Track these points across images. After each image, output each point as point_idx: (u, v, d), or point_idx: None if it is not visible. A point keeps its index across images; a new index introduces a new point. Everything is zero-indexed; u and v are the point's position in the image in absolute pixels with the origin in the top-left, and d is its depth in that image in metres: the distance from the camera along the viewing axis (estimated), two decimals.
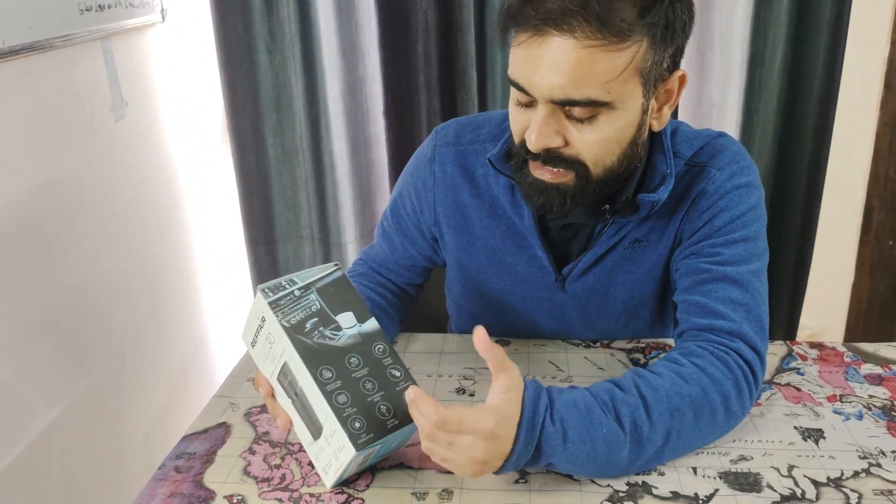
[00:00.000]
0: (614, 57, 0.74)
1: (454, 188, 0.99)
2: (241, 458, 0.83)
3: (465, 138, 0.99)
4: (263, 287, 0.77)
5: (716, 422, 0.80)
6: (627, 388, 0.78)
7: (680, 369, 0.81)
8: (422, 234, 1.05)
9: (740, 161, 0.90)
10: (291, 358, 0.75)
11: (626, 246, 0.94)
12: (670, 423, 0.77)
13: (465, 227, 1.00)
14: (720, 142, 0.92)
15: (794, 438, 0.83)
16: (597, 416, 0.75)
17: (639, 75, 0.77)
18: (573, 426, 0.73)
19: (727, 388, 0.80)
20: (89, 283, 1.41)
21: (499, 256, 1.00)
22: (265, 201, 1.82)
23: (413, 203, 1.03)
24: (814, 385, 0.93)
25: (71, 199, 1.36)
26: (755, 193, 0.90)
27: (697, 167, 0.90)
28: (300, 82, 1.70)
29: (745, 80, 1.64)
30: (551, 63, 0.75)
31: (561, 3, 0.72)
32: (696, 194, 0.90)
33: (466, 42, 1.64)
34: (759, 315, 0.86)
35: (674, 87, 0.83)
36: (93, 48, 1.43)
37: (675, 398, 0.78)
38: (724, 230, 0.88)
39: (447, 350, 1.04)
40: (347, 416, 0.72)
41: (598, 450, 0.74)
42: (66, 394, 1.33)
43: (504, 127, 0.96)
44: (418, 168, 1.01)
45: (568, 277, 0.98)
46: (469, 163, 0.98)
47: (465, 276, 1.05)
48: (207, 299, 1.93)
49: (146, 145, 1.63)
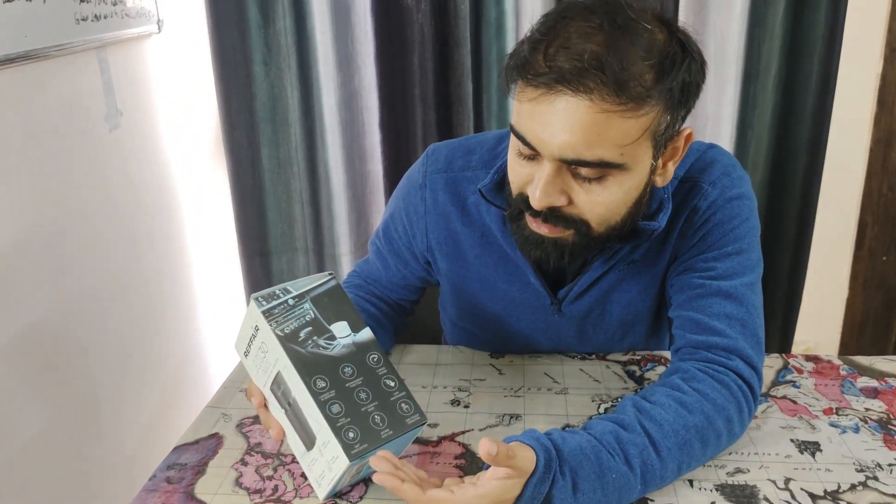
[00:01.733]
0: (631, 123, 0.71)
1: (445, 216, 0.97)
2: (233, 469, 0.82)
3: (455, 165, 0.96)
4: (257, 296, 0.76)
5: (720, 445, 0.81)
6: (631, 427, 0.76)
7: (682, 398, 0.80)
8: (414, 256, 1.03)
9: (731, 173, 0.89)
10: (285, 367, 0.74)
11: (621, 268, 0.93)
12: (680, 458, 0.76)
13: (457, 254, 0.99)
14: (710, 154, 0.91)
15: (791, 451, 0.82)
16: (605, 461, 0.73)
17: (651, 138, 0.74)
18: (583, 476, 0.72)
19: (730, 413, 0.80)
20: (82, 292, 1.40)
21: (492, 282, 0.99)
22: (259, 212, 1.81)
23: (405, 227, 1.01)
24: (810, 398, 0.93)
25: (65, 208, 1.35)
26: (747, 204, 0.89)
27: (689, 182, 0.89)
28: (296, 94, 1.69)
29: (740, 94, 1.64)
30: (564, 122, 0.71)
31: (577, 63, 0.69)
32: (689, 211, 0.89)
33: (462, 55, 1.64)
34: (754, 328, 0.86)
35: (681, 144, 0.80)
36: (88, 58, 1.43)
37: (681, 431, 0.77)
38: (717, 244, 0.87)
39: (442, 362, 1.04)
40: (341, 427, 0.71)
41: (609, 496, 0.73)
42: (56, 403, 1.31)
43: (496, 153, 0.94)
44: (409, 193, 0.99)
45: (564, 301, 0.97)
46: (460, 190, 0.95)
47: (459, 298, 1.04)
48: (201, 310, 1.92)
49: (141, 155, 1.62)
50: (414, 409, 0.75)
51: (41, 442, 1.26)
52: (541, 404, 0.92)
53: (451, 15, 1.62)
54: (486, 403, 0.93)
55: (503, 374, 1.00)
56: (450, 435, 0.87)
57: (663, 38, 0.72)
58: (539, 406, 0.92)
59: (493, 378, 0.99)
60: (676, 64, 0.72)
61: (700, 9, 1.60)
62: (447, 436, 0.86)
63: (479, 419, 0.90)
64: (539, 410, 0.91)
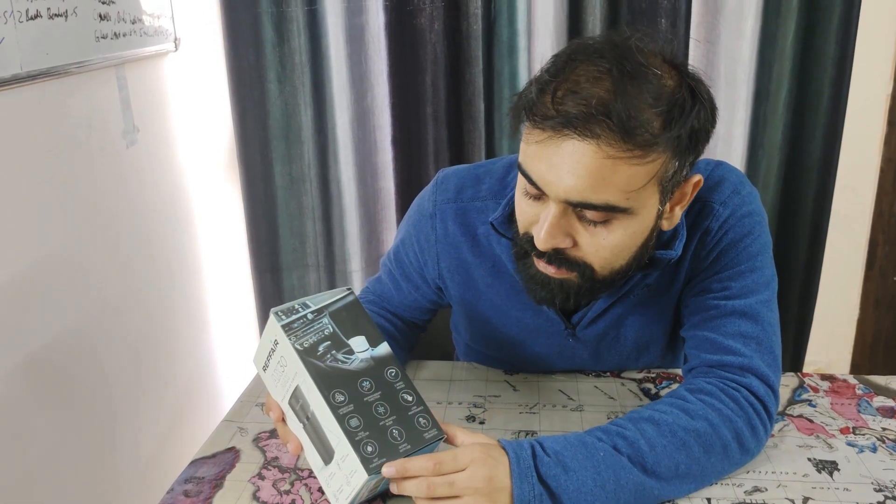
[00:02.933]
0: (637, 169, 0.71)
1: (455, 245, 0.96)
2: (251, 483, 0.82)
3: (465, 195, 0.95)
4: (277, 310, 0.77)
5: (729, 458, 0.80)
6: (622, 425, 0.78)
7: (685, 405, 0.81)
8: (426, 282, 1.03)
9: (741, 191, 0.89)
10: (304, 381, 0.75)
11: (636, 293, 0.93)
12: (677, 457, 0.76)
13: (468, 283, 0.98)
14: (718, 173, 0.90)
15: (808, 470, 0.82)
16: (591, 444, 0.76)
17: (658, 184, 0.74)
18: (569, 455, 0.74)
19: (739, 426, 0.80)
20: (98, 307, 1.41)
21: (504, 310, 0.99)
22: (272, 228, 1.82)
23: (416, 254, 1.00)
24: (826, 417, 0.93)
25: (82, 223, 1.36)
26: (758, 220, 0.88)
27: (699, 203, 0.88)
28: (309, 111, 1.71)
29: (751, 114, 1.65)
30: (570, 166, 0.71)
31: (584, 108, 0.69)
32: (701, 232, 0.88)
33: (474, 74, 1.65)
34: (770, 347, 0.85)
35: (689, 190, 0.80)
36: (107, 75, 1.44)
37: (679, 432, 0.77)
38: (731, 263, 0.87)
39: (456, 378, 1.04)
40: (360, 440, 0.71)
41: (603, 474, 0.73)
42: (71, 416, 1.32)
43: (505, 183, 0.94)
44: (420, 221, 0.99)
45: (578, 326, 0.97)
46: (470, 220, 0.95)
47: (472, 323, 1.04)
48: (213, 325, 1.93)
49: (156, 171, 1.64)
50: (432, 424, 0.75)
51: (57, 455, 1.27)
52: (556, 421, 0.92)
53: (464, 35, 1.64)
54: (501, 420, 0.93)
55: (518, 390, 1.00)
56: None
57: (672, 85, 0.72)
58: (554, 423, 0.92)
59: (508, 394, 0.99)
60: (685, 111, 0.71)
61: (711, 29, 1.61)
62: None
63: (494, 435, 0.89)
64: (554, 427, 0.91)
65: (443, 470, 0.72)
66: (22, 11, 1.14)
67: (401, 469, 0.71)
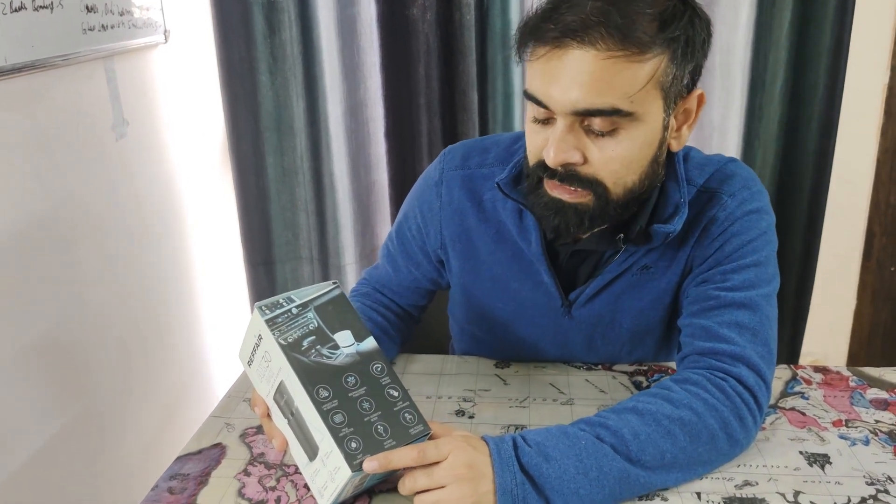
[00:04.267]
0: (636, 68, 0.73)
1: (460, 212, 0.98)
2: (236, 479, 0.81)
3: (472, 162, 0.98)
4: (261, 304, 0.76)
5: (717, 448, 0.79)
6: (605, 415, 0.78)
7: (668, 394, 0.80)
8: (427, 256, 1.04)
9: (751, 186, 0.89)
10: (288, 377, 0.74)
11: (634, 273, 0.92)
12: (662, 446, 0.76)
13: (470, 252, 0.99)
14: (731, 167, 0.91)
15: (800, 464, 0.81)
16: (572, 433, 0.76)
17: (660, 89, 0.76)
18: (551, 445, 0.74)
19: (725, 415, 0.79)
20: (87, 302, 1.40)
21: (504, 282, 0.99)
22: (264, 221, 1.82)
23: (419, 225, 1.02)
24: (819, 409, 0.92)
25: (71, 217, 1.35)
26: (766, 219, 0.89)
27: (708, 193, 0.89)
28: (301, 103, 1.70)
29: (746, 104, 1.64)
30: (572, 74, 0.74)
31: (581, 16, 0.72)
32: (707, 221, 0.88)
33: (467, 64, 1.64)
34: (765, 338, 0.85)
35: (692, 106, 0.82)
36: (95, 67, 1.43)
37: (663, 420, 0.77)
38: (734, 255, 0.87)
39: (447, 371, 1.03)
40: (344, 437, 0.71)
41: (585, 462, 0.73)
42: (61, 413, 1.31)
43: (512, 151, 0.96)
44: (425, 191, 1.01)
45: (574, 303, 0.96)
46: (476, 187, 0.97)
47: (469, 300, 1.04)
48: (205, 319, 1.92)
49: (147, 164, 1.62)
50: (417, 420, 0.74)
51: (45, 452, 1.26)
52: (546, 415, 0.91)
53: (456, 25, 1.62)
54: (490, 414, 0.92)
55: (508, 384, 0.99)
56: None
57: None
58: (544, 416, 0.91)
59: (498, 388, 0.98)
60: (678, 16, 0.75)
61: None
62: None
63: (484, 430, 0.89)
64: (544, 421, 0.90)
65: (426, 458, 0.71)
66: (6, 3, 1.12)
67: (384, 462, 0.70)
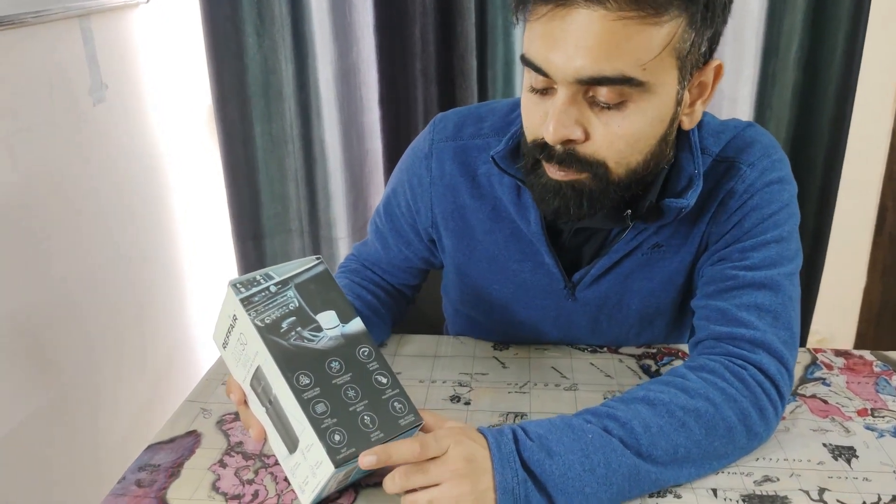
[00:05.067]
0: (651, 32, 0.64)
1: (453, 188, 0.89)
2: (211, 471, 0.74)
3: (465, 132, 0.89)
4: (235, 282, 0.68)
5: (734, 441, 0.73)
6: (614, 405, 0.72)
7: (683, 383, 0.74)
8: (417, 234, 0.96)
9: (772, 154, 0.82)
10: (265, 362, 0.67)
11: (644, 251, 0.85)
12: (675, 439, 0.69)
13: (464, 231, 0.91)
14: (749, 134, 0.83)
15: (824, 457, 0.75)
16: (578, 426, 0.69)
17: (675, 57, 0.67)
18: (554, 439, 0.67)
19: (744, 406, 0.73)
20: (65, 278, 1.32)
21: (501, 262, 0.91)
22: (252, 192, 1.74)
23: (408, 202, 0.94)
24: (842, 397, 0.85)
25: (45, 188, 1.27)
26: (788, 189, 0.82)
27: (726, 163, 0.81)
28: (290, 67, 1.61)
29: (759, 72, 1.56)
30: (577, 38, 0.65)
31: None
32: (724, 194, 0.81)
33: (466, 27, 1.55)
34: (788, 321, 0.78)
35: (709, 78, 0.74)
36: (70, 27, 1.35)
37: (677, 412, 0.71)
38: (754, 231, 0.80)
39: (441, 353, 0.96)
40: (326, 428, 0.64)
41: (592, 458, 0.67)
42: (37, 394, 1.25)
43: (509, 120, 0.87)
44: (414, 163, 0.92)
45: (578, 285, 0.89)
46: (470, 160, 0.88)
47: (464, 281, 0.97)
48: (191, 297, 1.85)
49: (127, 131, 1.54)
50: (408, 409, 0.67)
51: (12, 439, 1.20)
52: (548, 401, 0.85)
53: None
54: (488, 400, 0.85)
55: (507, 367, 0.93)
56: None
57: None
58: (546, 403, 0.84)
59: (497, 372, 0.92)
60: None
61: None
62: None
63: (480, 417, 0.82)
64: (546, 408, 0.84)
65: (428, 453, 0.65)
66: None
67: (383, 457, 0.63)
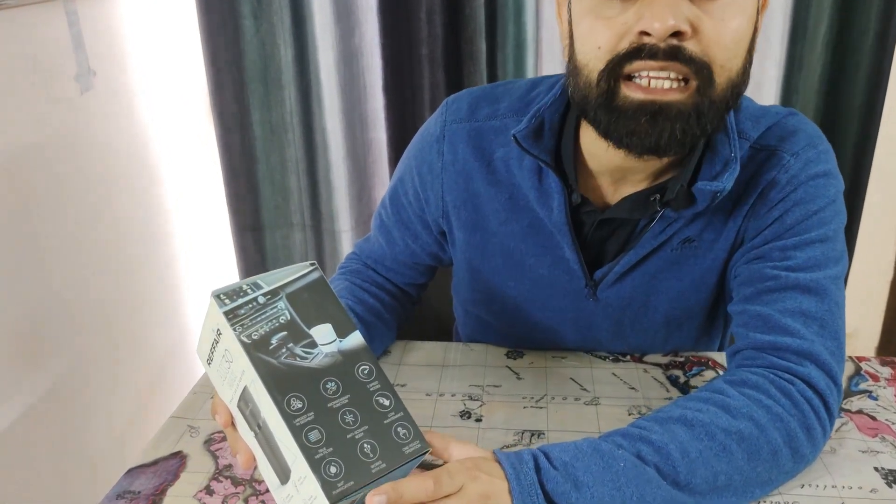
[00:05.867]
0: None
1: (466, 173, 0.82)
2: (196, 499, 0.67)
3: (480, 113, 0.82)
4: (218, 292, 0.61)
5: (779, 466, 0.65)
6: (647, 426, 0.65)
7: (725, 401, 0.67)
8: (426, 226, 0.89)
9: (818, 145, 0.75)
10: (252, 382, 0.59)
11: (674, 247, 0.78)
12: (716, 466, 0.62)
13: (477, 222, 0.84)
14: (792, 121, 0.76)
15: (876, 483, 0.67)
16: (608, 451, 0.62)
17: None
18: (581, 467, 0.61)
19: (792, 427, 0.66)
20: (51, 276, 1.26)
21: (517, 257, 0.84)
22: (251, 183, 1.68)
23: (416, 190, 0.86)
24: (891, 413, 0.78)
25: (30, 180, 1.21)
26: (834, 184, 0.74)
27: (766, 151, 0.74)
28: (289, 52, 1.55)
29: (786, 54, 1.48)
30: None
31: None
32: (764, 185, 0.74)
33: (474, 8, 1.48)
34: (835, 331, 0.70)
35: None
36: (54, 9, 1.27)
37: (718, 434, 0.64)
38: (798, 228, 0.73)
39: (450, 363, 0.89)
40: (321, 459, 0.56)
41: (624, 490, 0.60)
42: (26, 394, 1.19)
43: (528, 99, 0.80)
44: (424, 148, 0.85)
45: (601, 284, 0.82)
46: (485, 143, 0.81)
47: (475, 279, 0.89)
48: (189, 290, 1.78)
49: (118, 120, 1.47)
50: (413, 435, 0.60)
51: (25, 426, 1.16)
52: (568, 418, 0.77)
53: None
54: (501, 416, 0.78)
55: (522, 378, 0.85)
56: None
57: None
58: (565, 420, 0.77)
59: (511, 383, 0.84)
60: None
61: None
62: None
63: (493, 436, 0.75)
64: (566, 426, 0.76)
65: (442, 491, 0.58)
66: None
67: (394, 497, 0.56)
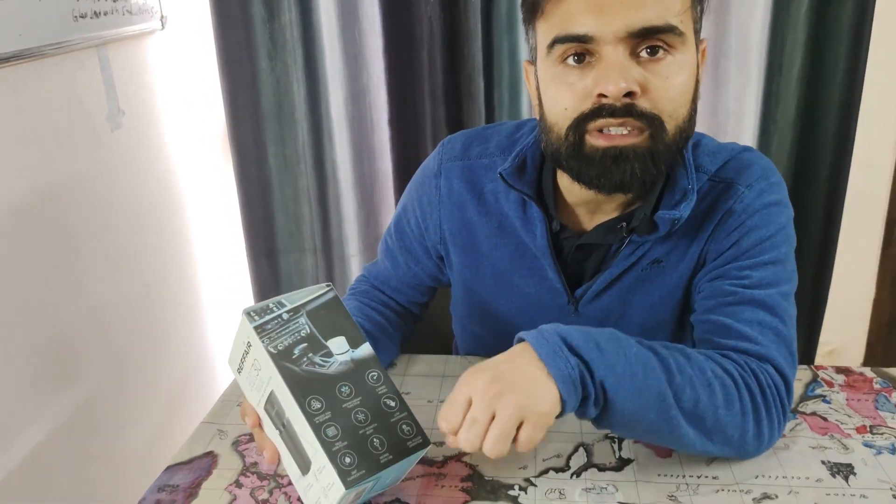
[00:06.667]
0: None
1: (460, 204, 0.94)
2: (227, 491, 0.77)
3: (472, 152, 0.94)
4: (249, 310, 0.72)
5: (743, 429, 0.75)
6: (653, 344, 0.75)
7: (716, 356, 0.77)
8: (427, 252, 1.00)
9: (770, 177, 0.84)
10: (278, 387, 0.70)
11: (643, 267, 0.88)
12: (699, 392, 0.72)
13: (471, 247, 0.95)
14: (747, 156, 0.86)
15: (822, 475, 0.77)
16: (623, 338, 0.72)
17: (692, 12, 0.74)
18: (602, 338, 0.71)
19: (758, 401, 0.76)
20: (85, 297, 1.36)
21: (507, 277, 0.95)
22: (266, 212, 1.77)
23: (418, 220, 0.98)
24: (841, 414, 0.87)
25: (66, 211, 1.31)
26: (785, 212, 0.84)
27: (724, 183, 0.84)
28: (302, 90, 1.65)
29: (763, 88, 1.58)
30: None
31: None
32: (722, 213, 0.83)
33: (473, 49, 1.58)
34: (788, 340, 0.80)
35: (702, 52, 0.79)
36: (88, 56, 1.39)
37: (707, 372, 0.74)
38: (752, 252, 0.82)
39: (450, 373, 0.99)
40: (337, 451, 0.67)
41: (633, 366, 0.70)
42: (60, 409, 1.28)
43: (514, 139, 0.92)
44: (423, 183, 0.97)
45: (581, 300, 0.92)
46: (476, 178, 0.93)
47: (471, 297, 1.00)
48: (208, 314, 1.88)
49: (144, 155, 1.58)
50: (416, 432, 0.70)
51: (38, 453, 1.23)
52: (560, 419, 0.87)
53: (461, 8, 1.56)
54: None
55: None
56: (456, 455, 0.82)
57: None
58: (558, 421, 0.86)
59: None
60: None
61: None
62: (453, 456, 0.82)
63: None
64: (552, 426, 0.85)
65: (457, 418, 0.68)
66: None
67: None
